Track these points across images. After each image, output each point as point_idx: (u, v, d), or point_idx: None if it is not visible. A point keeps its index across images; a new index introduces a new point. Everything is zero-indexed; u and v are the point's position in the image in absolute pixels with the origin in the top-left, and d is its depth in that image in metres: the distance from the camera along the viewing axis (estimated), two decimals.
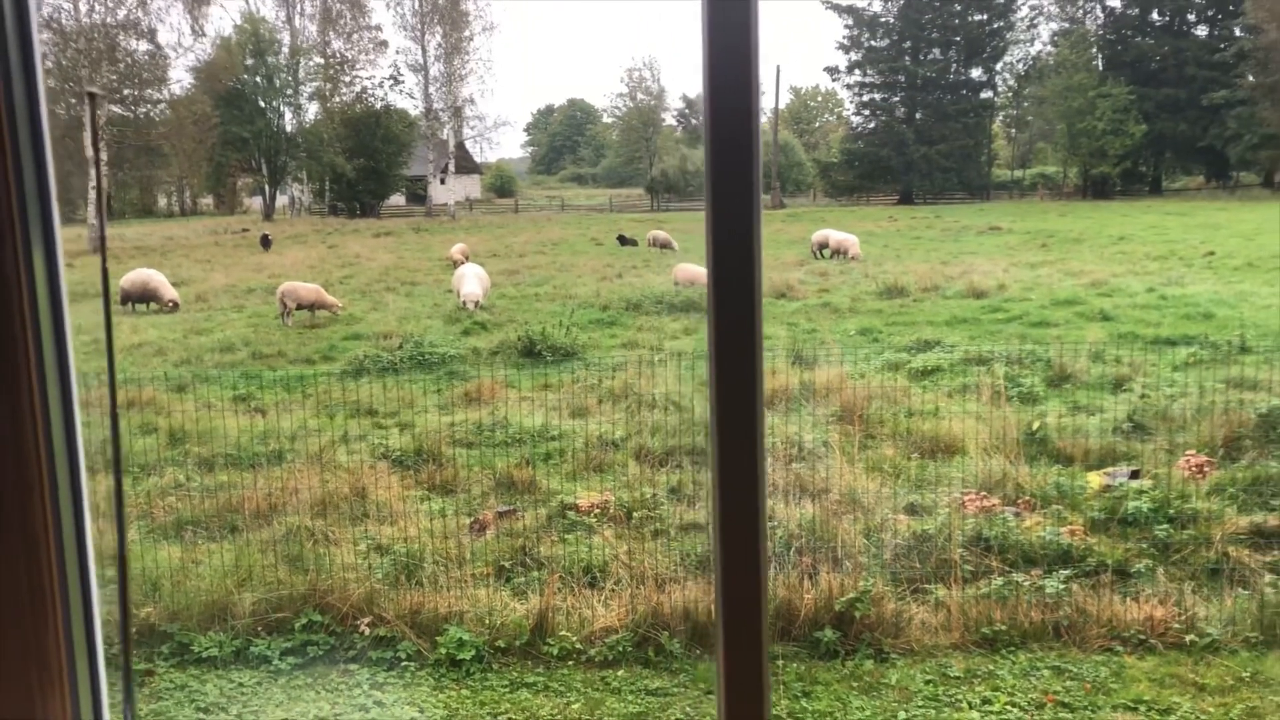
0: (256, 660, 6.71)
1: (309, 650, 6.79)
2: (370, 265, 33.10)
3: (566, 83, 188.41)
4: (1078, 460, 9.86)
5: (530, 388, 13.95)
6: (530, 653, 6.83)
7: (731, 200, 0.92)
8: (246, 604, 7.04)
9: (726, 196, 0.92)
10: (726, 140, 0.91)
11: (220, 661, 6.70)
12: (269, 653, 6.73)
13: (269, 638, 6.87)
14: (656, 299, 21.00)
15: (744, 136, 0.92)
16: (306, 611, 7.00)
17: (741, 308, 0.93)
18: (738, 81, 0.89)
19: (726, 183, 0.92)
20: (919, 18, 70.89)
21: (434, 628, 6.96)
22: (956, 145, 69.37)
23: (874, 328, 18.27)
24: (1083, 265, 26.55)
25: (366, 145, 62.34)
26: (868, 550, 7.69)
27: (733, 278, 0.94)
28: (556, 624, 6.98)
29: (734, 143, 0.91)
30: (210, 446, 11.28)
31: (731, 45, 0.88)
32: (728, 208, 0.92)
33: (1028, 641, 6.81)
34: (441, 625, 6.95)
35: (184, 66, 69.02)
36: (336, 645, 6.86)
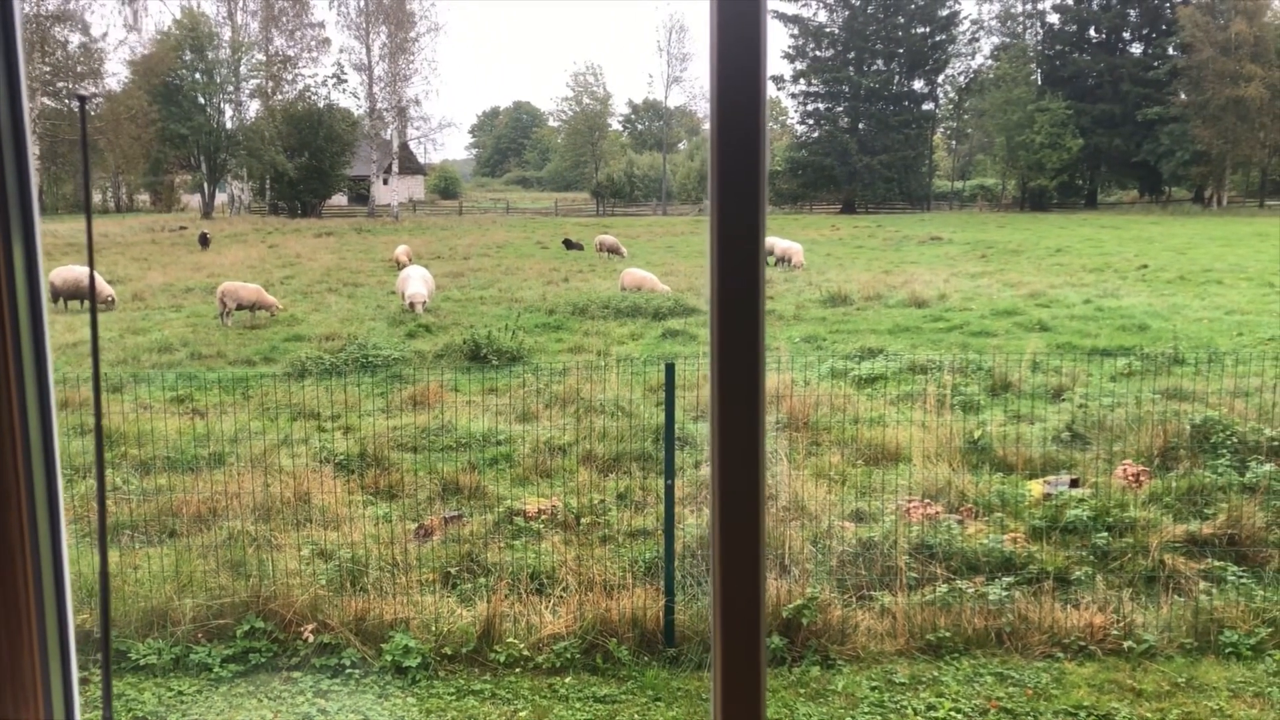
0: (196, 668, 6.58)
1: (251, 657, 6.67)
2: (312, 265, 32.69)
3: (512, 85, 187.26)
4: (1018, 468, 10.02)
5: (476, 392, 13.86)
6: (477, 660, 6.77)
7: (737, 203, 0.91)
8: (187, 610, 6.90)
9: (732, 199, 0.91)
10: (733, 142, 0.91)
11: (159, 669, 6.56)
12: (209, 660, 6.60)
13: (209, 645, 6.74)
14: (603, 304, 20.99)
15: (751, 137, 0.91)
16: (249, 618, 6.87)
17: (746, 310, 0.92)
18: (746, 80, 0.88)
19: (732, 185, 0.91)
20: (864, 29, 71.75)
21: (379, 634, 6.88)
22: (898, 156, 70.31)
23: (818, 335, 18.43)
24: (1021, 276, 27.03)
25: (308, 144, 61.57)
26: (814, 557, 7.74)
27: (738, 280, 0.93)
28: (504, 631, 6.94)
29: (741, 144, 0.90)
30: (147, 449, 11.05)
31: (741, 40, 0.88)
32: (733, 210, 0.91)
33: (971, 648, 6.90)
34: (387, 632, 6.87)
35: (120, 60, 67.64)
36: (279, 652, 6.75)
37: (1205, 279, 26.11)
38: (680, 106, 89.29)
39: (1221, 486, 9.04)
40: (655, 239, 45.47)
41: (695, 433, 11.54)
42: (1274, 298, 22.48)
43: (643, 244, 41.90)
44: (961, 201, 74.12)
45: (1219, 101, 60.95)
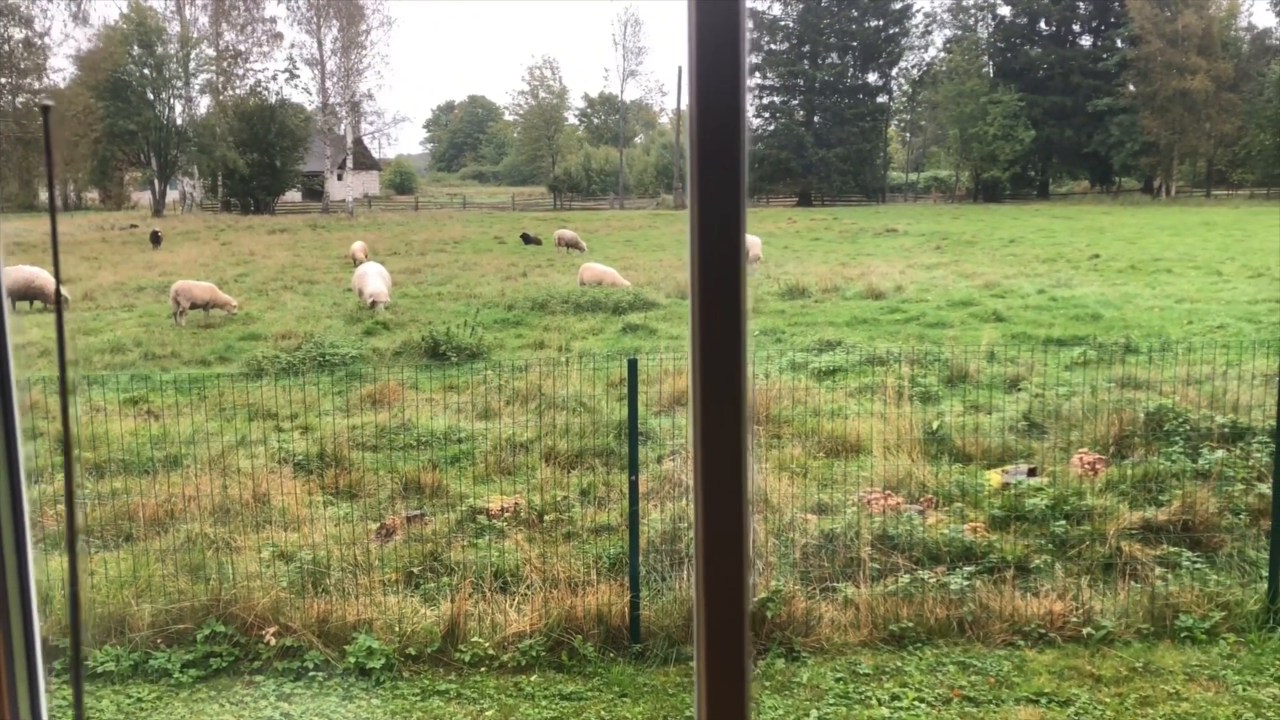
0: (156, 674, 6.48)
1: (212, 662, 6.58)
2: (266, 263, 32.34)
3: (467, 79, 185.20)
4: (976, 458, 10.12)
5: (435, 389, 13.79)
6: (442, 660, 6.73)
7: (717, 199, 0.90)
8: (145, 615, 6.80)
9: (712, 195, 0.91)
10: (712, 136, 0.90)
11: (118, 676, 6.45)
12: (169, 665, 6.51)
13: (169, 650, 6.65)
14: (563, 298, 20.95)
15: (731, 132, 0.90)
16: (209, 622, 6.78)
17: (728, 307, 0.91)
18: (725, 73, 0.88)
19: (712, 180, 0.90)
20: (818, 22, 72.16)
21: (342, 636, 6.81)
22: (853, 148, 70.85)
23: (777, 328, 18.50)
24: (976, 267, 27.32)
25: (260, 139, 60.92)
26: (778, 550, 7.78)
27: (719, 276, 0.92)
28: (468, 630, 6.90)
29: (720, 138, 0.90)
30: (101, 451, 10.87)
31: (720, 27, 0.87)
32: (713, 207, 0.90)
33: (934, 638, 6.96)
34: (350, 633, 6.81)
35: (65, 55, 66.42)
36: (241, 656, 6.67)
37: (1155, 268, 26.55)
38: (636, 100, 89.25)
39: (1175, 473, 9.19)
40: (614, 233, 45.48)
41: (657, 427, 11.55)
42: (1222, 285, 22.90)
43: (601, 238, 41.87)
44: (916, 193, 74.78)
45: (1166, 93, 61.96)
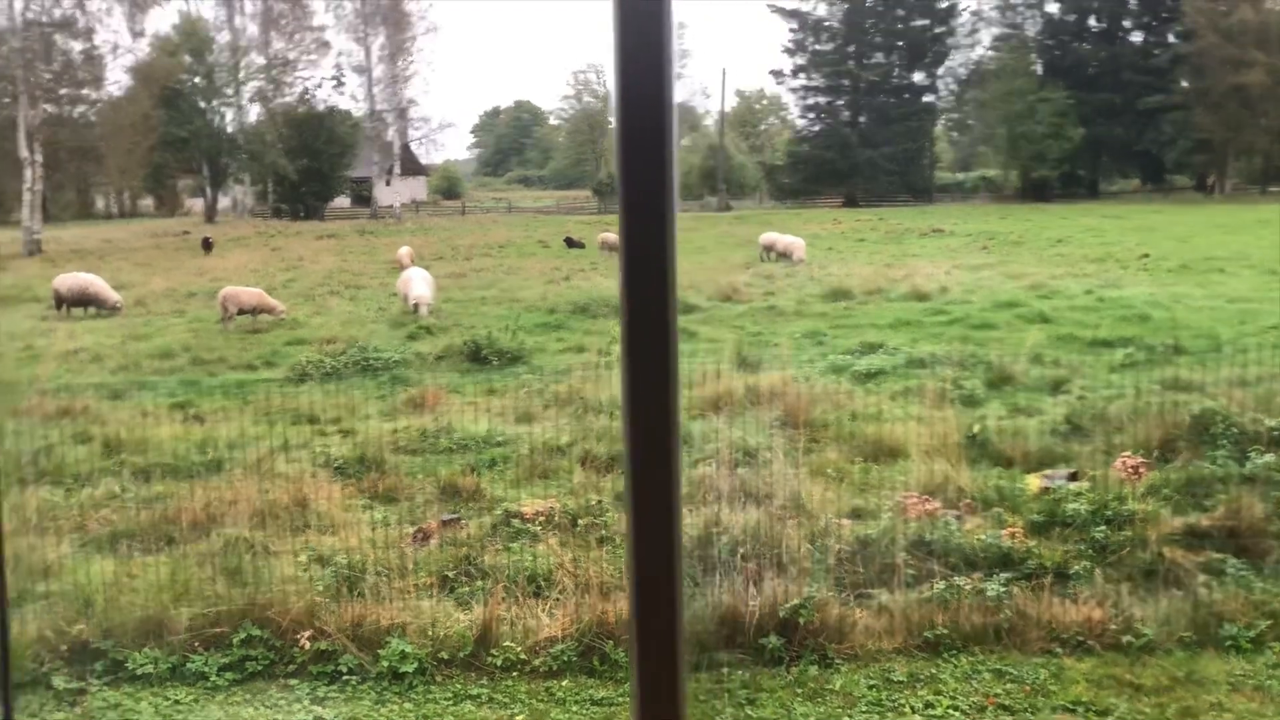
0: (193, 677, 6.58)
1: (247, 665, 6.67)
2: (314, 268, 32.72)
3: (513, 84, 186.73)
4: (1017, 462, 9.99)
5: (476, 393, 13.86)
6: (474, 664, 6.77)
7: (644, 204, 0.90)
8: (183, 619, 6.91)
9: (639, 201, 0.90)
10: (637, 140, 0.89)
11: (155, 679, 6.56)
12: (206, 669, 6.60)
13: (206, 653, 6.74)
14: (604, 302, 20.98)
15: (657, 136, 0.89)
16: (245, 626, 6.87)
17: (656, 314, 0.90)
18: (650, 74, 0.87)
19: (638, 185, 0.90)
20: (863, 22, 71.64)
21: (376, 640, 6.87)
22: (900, 148, 70.19)
23: (819, 330, 18.41)
24: (1023, 268, 26.97)
25: (309, 146, 61.62)
26: (812, 555, 7.73)
27: (646, 282, 0.91)
28: (501, 634, 6.93)
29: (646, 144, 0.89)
30: (147, 456, 11.06)
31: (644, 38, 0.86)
32: (640, 212, 0.90)
33: (969, 645, 6.88)
34: (384, 637, 6.86)
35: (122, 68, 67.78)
36: (276, 660, 6.75)
37: (1207, 267, 26.04)
38: (681, 103, 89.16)
39: (1221, 478, 9.00)
40: None
41: (694, 431, 11.52)
42: (1276, 285, 22.41)
43: None
44: (964, 193, 73.96)
45: (1221, 89, 60.69)
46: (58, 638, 6.79)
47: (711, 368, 14.29)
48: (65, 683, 6.51)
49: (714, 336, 17.92)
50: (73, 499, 9.70)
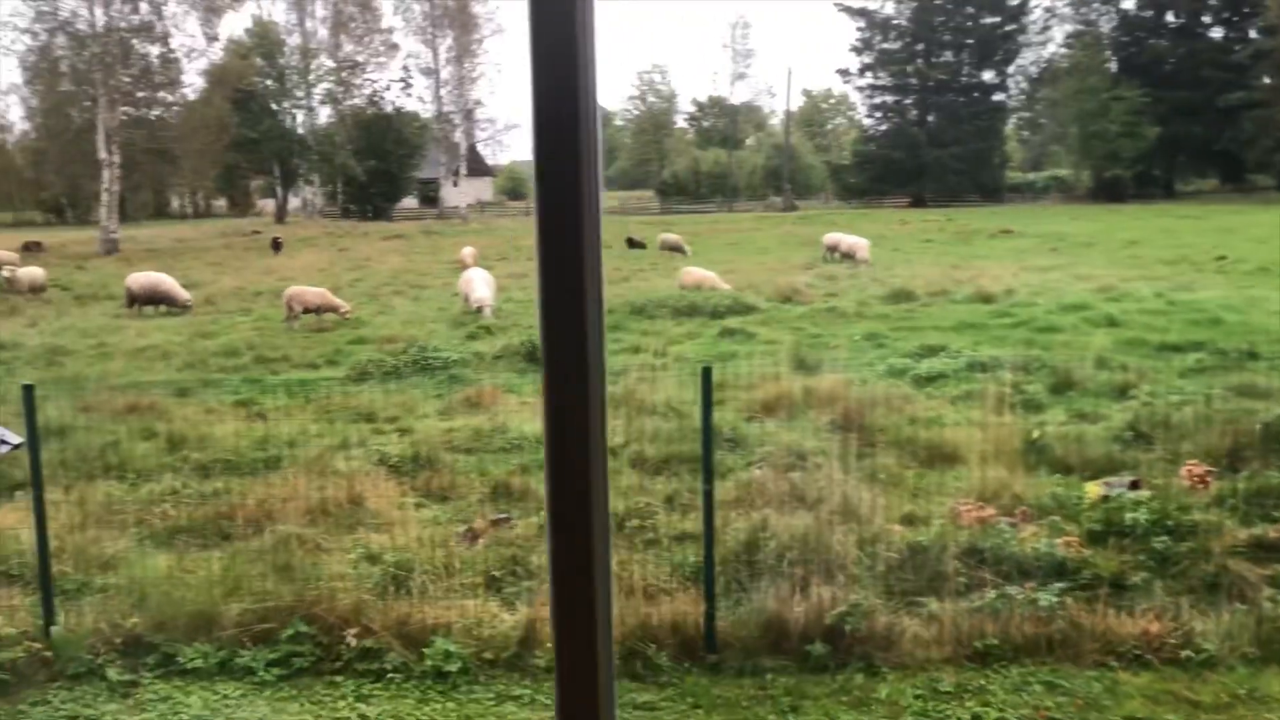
0: (241, 671, 6.67)
1: (294, 661, 6.75)
2: (379, 268, 33.14)
3: None
4: (1077, 469, 9.76)
5: (532, 393, 13.89)
6: (517, 665, 6.78)
7: (559, 206, 0.86)
8: (233, 614, 7.01)
9: (555, 202, 0.87)
10: (552, 142, 0.86)
11: (205, 673, 6.66)
12: (254, 664, 6.69)
13: (255, 649, 6.84)
14: (660, 303, 20.94)
15: (570, 139, 0.86)
16: (293, 622, 6.96)
17: (572, 318, 0.87)
18: (564, 80, 0.84)
19: (554, 186, 0.87)
20: (931, 20, 70.68)
21: (421, 639, 6.91)
22: (969, 148, 69.11)
23: (880, 333, 18.17)
24: (1092, 269, 26.38)
25: (378, 148, 62.51)
26: (861, 562, 7.61)
27: (562, 286, 0.88)
28: (545, 636, 6.93)
29: (560, 145, 0.86)
30: (208, 452, 11.27)
31: (558, 42, 0.83)
32: (556, 213, 0.87)
33: (1020, 656, 6.72)
34: (429, 636, 6.90)
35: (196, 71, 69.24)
36: (323, 656, 6.82)
37: None
38: (746, 103, 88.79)
39: None
40: (719, 236, 45.32)
41: (748, 433, 11.44)
42: None
43: (706, 241, 41.76)
44: (1035, 193, 72.61)
45: None
46: (113, 630, 6.93)
47: (768, 370, 14.19)
48: (119, 674, 6.64)
49: (772, 338, 17.78)
50: (135, 494, 9.91)
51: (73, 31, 47.54)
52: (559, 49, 0.86)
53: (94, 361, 17.17)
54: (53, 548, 8.06)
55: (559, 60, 0.86)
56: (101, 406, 13.10)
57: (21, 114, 72.82)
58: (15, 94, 74.68)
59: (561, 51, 0.85)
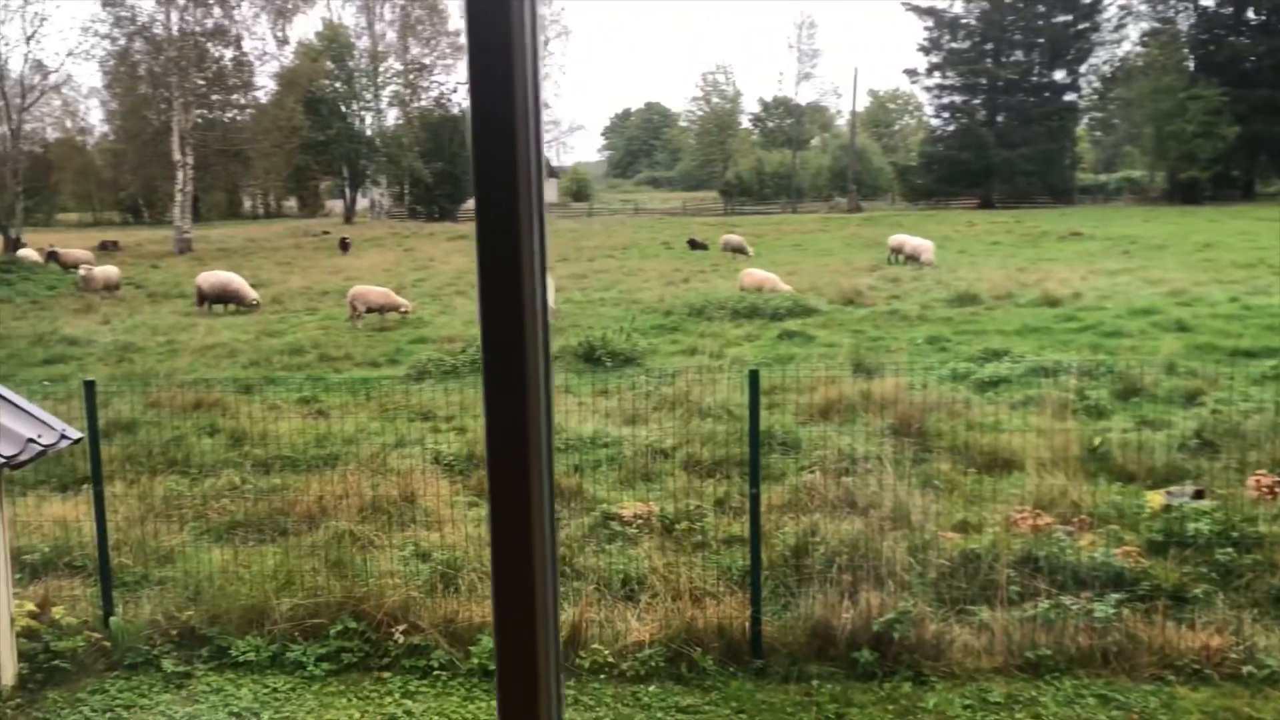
0: (291, 665, 6.77)
1: (343, 657, 6.83)
2: (444, 268, 33.51)
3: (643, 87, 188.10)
4: (1140, 478, 9.53)
5: (587, 394, 13.93)
6: (562, 665, 6.78)
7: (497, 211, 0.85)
8: (285, 609, 7.11)
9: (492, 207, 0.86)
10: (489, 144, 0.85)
11: (256, 666, 6.77)
12: (304, 658, 6.78)
13: (305, 643, 6.93)
14: (720, 304, 20.88)
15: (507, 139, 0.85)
16: (343, 618, 7.04)
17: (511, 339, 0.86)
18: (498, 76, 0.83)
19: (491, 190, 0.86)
20: (1001, 19, 69.67)
21: (468, 637, 6.95)
22: (1039, 149, 67.98)
23: (942, 336, 17.95)
24: (1164, 273, 25.79)
25: (444, 149, 63.25)
26: (911, 569, 7.50)
27: (500, 292, 0.87)
28: (590, 636, 6.93)
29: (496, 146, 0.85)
30: (269, 449, 11.46)
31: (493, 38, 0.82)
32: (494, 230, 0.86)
33: (1073, 667, 6.58)
34: (476, 634, 6.94)
35: (268, 74, 70.62)
36: (371, 652, 6.89)
37: None
38: (812, 103, 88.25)
39: None
40: (783, 237, 45.10)
41: (803, 437, 11.35)
42: None
43: (770, 242, 41.59)
44: (1107, 195, 71.21)
45: None
46: (169, 622, 7.07)
47: (825, 373, 14.07)
48: (174, 666, 6.77)
49: (832, 340, 17.64)
50: (196, 488, 10.11)
51: (150, 36, 48.72)
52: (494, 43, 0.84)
53: (164, 358, 17.58)
54: (115, 540, 8.27)
55: (494, 56, 0.85)
56: (168, 402, 13.40)
57: (101, 117, 74.77)
58: (95, 98, 76.68)
59: (497, 46, 0.84)
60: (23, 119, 45.66)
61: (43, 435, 6.10)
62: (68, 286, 29.55)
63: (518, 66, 0.85)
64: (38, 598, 7.14)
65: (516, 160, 0.87)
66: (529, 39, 0.86)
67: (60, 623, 6.83)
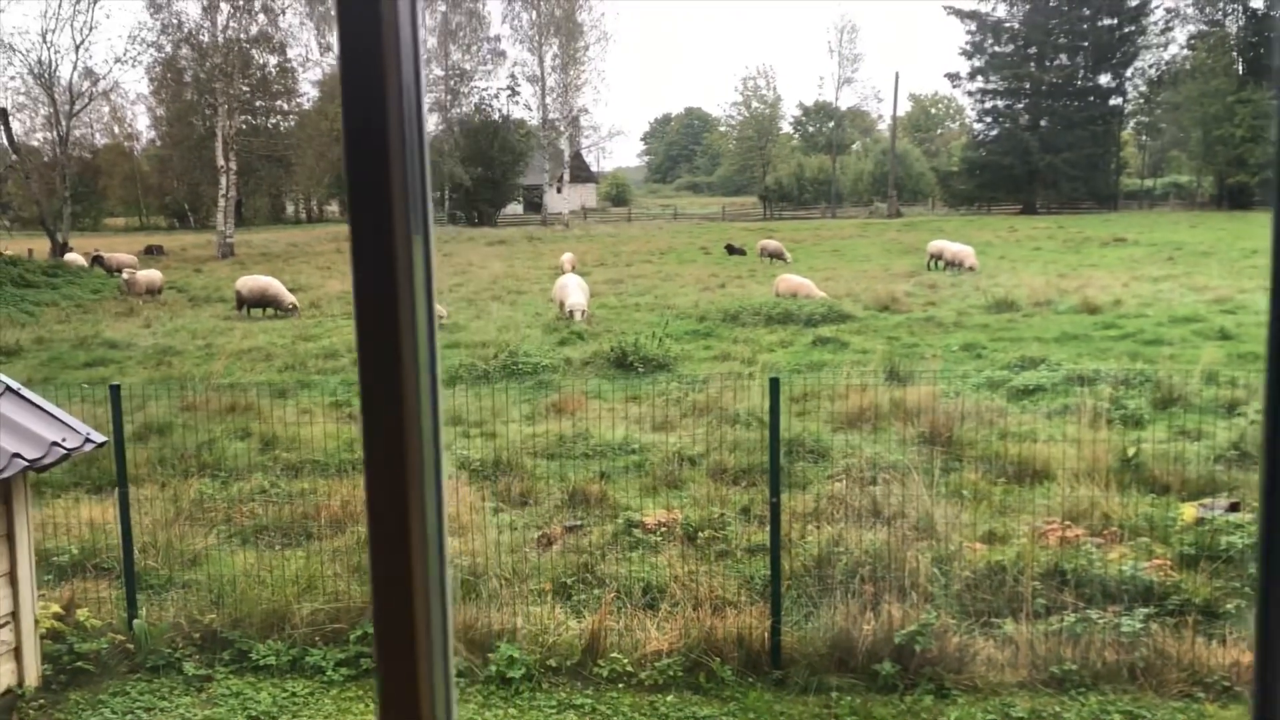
0: (311, 670, 6.79)
1: (362, 662, 6.84)
2: (481, 273, 33.66)
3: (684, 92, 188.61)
4: (1175, 490, 9.34)
5: (617, 399, 13.92)
6: (581, 673, 6.76)
7: (372, 232, 0.83)
8: (306, 613, 7.14)
9: (367, 229, 0.83)
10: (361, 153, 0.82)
11: (277, 670, 6.80)
12: (324, 663, 6.81)
13: (325, 648, 6.96)
14: (754, 310, 20.79)
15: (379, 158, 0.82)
16: (362, 623, 7.06)
17: (385, 356, 0.83)
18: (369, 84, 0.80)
19: (365, 210, 0.83)
20: (1045, 23, 68.95)
21: (487, 644, 6.94)
22: (1083, 153, 67.21)
23: (978, 343, 17.75)
24: (1208, 280, 25.36)
25: (484, 155, 63.63)
26: (936, 580, 7.40)
27: (376, 307, 0.84)
28: (609, 645, 6.90)
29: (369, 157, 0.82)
30: (299, 452, 11.54)
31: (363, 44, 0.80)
32: (369, 243, 0.83)
33: (1099, 683, 6.45)
34: (494, 641, 6.93)
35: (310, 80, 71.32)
36: None
37: None
38: (853, 107, 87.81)
39: None
40: (822, 243, 44.88)
41: (832, 445, 11.26)
42: None
43: (808, 248, 41.40)
44: (1153, 200, 70.22)
45: None
46: (191, 625, 7.13)
47: (857, 380, 13.95)
48: (195, 669, 6.82)
49: (866, 347, 17.50)
50: (225, 492, 10.20)
51: (196, 43, 49.41)
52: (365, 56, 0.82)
53: (201, 362, 17.77)
54: (143, 543, 8.36)
55: (365, 70, 0.82)
56: (203, 405, 13.54)
57: (148, 123, 76.00)
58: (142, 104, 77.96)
59: (367, 52, 0.81)
60: (71, 125, 46.46)
61: (67, 439, 6.17)
62: (112, 290, 30.02)
63: (390, 82, 0.82)
64: (64, 599, 7.22)
65: (390, 179, 0.84)
66: (409, 51, 0.83)
67: (85, 625, 6.91)
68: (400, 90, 0.83)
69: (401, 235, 0.87)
